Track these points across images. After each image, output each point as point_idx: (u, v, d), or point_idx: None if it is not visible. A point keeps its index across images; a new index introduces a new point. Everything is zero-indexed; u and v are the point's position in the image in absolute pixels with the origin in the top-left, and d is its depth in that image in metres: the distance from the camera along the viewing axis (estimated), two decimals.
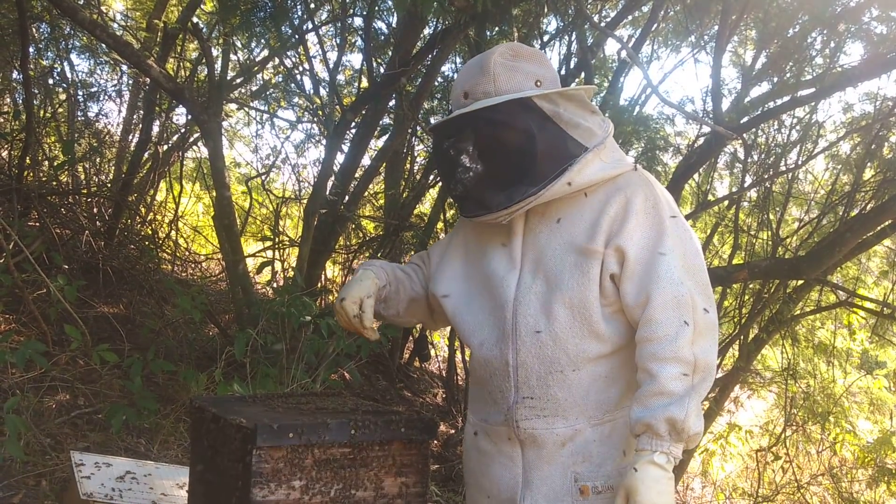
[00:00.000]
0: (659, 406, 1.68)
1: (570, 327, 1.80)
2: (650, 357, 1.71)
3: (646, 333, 1.73)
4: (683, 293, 1.73)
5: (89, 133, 6.63)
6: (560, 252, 1.84)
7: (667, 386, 1.68)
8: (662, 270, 1.74)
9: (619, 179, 1.85)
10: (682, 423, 1.67)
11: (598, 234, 1.80)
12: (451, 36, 4.79)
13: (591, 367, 1.81)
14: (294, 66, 6.59)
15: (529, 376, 1.84)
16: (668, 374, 1.68)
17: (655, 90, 4.31)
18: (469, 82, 1.86)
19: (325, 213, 5.16)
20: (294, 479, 1.70)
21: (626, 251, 1.77)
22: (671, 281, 1.73)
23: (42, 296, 4.54)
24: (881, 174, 5.37)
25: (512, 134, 1.78)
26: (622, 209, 1.80)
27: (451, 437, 5.53)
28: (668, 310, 1.72)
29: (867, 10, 4.65)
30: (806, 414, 6.25)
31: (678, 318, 1.71)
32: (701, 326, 1.73)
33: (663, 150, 5.69)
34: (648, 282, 1.75)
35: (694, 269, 1.78)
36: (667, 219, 1.80)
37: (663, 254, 1.76)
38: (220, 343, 4.69)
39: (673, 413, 1.66)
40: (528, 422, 1.84)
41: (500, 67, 1.84)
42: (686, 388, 1.69)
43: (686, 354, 1.70)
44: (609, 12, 6.15)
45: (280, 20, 4.68)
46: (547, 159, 1.79)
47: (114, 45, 4.70)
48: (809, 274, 4.47)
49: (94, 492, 2.83)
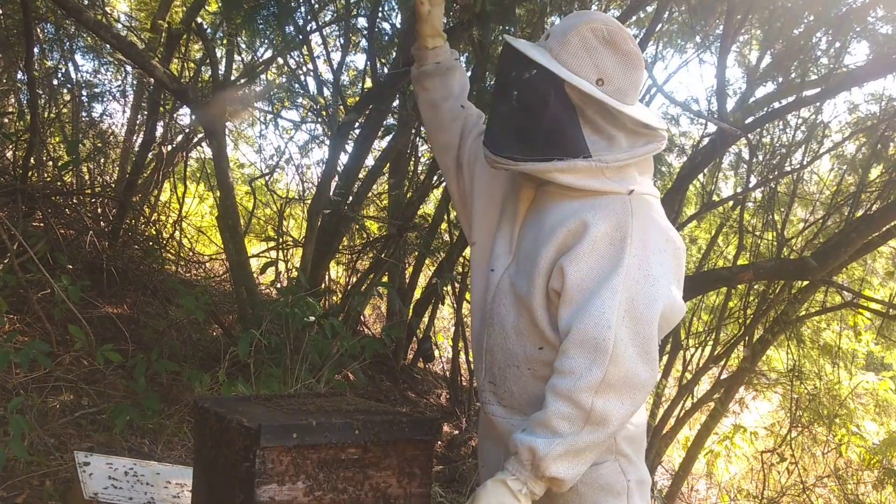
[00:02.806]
0: (532, 434, 1.64)
1: (528, 326, 1.78)
2: (550, 387, 1.65)
3: (557, 363, 1.66)
4: (607, 339, 1.60)
5: (93, 133, 6.63)
6: (528, 249, 1.81)
7: (549, 420, 1.62)
8: (595, 307, 1.62)
9: (604, 198, 1.73)
10: (541, 461, 1.61)
11: (549, 243, 1.73)
12: (454, 36, 4.77)
13: (544, 370, 1.76)
14: (298, 67, 6.60)
15: (493, 364, 1.86)
16: (555, 410, 1.62)
17: (661, 90, 4.31)
18: (557, 28, 1.79)
19: (329, 214, 5.15)
20: (298, 479, 1.70)
21: (567, 273, 1.67)
22: (599, 322, 1.61)
23: (46, 296, 4.54)
24: (887, 174, 5.35)
25: (529, 97, 1.73)
26: (581, 228, 1.70)
27: (455, 437, 5.53)
28: (582, 349, 1.62)
29: (873, 11, 4.63)
30: (811, 415, 6.23)
31: (589, 361, 1.61)
32: (614, 379, 1.61)
33: (668, 151, 5.68)
34: (578, 313, 1.64)
35: (637, 319, 1.64)
36: (630, 257, 1.66)
37: (607, 291, 1.63)
38: (223, 343, 4.68)
39: (537, 445, 1.61)
40: (490, 406, 1.88)
41: (580, 39, 1.73)
42: (568, 431, 1.61)
43: (582, 400, 1.60)
44: (614, 12, 6.14)
45: (284, 20, 4.67)
46: (543, 140, 1.72)
47: (118, 45, 4.70)
48: (814, 275, 4.45)
49: (97, 492, 2.83)
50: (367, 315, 7.03)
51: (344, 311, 5.29)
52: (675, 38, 6.31)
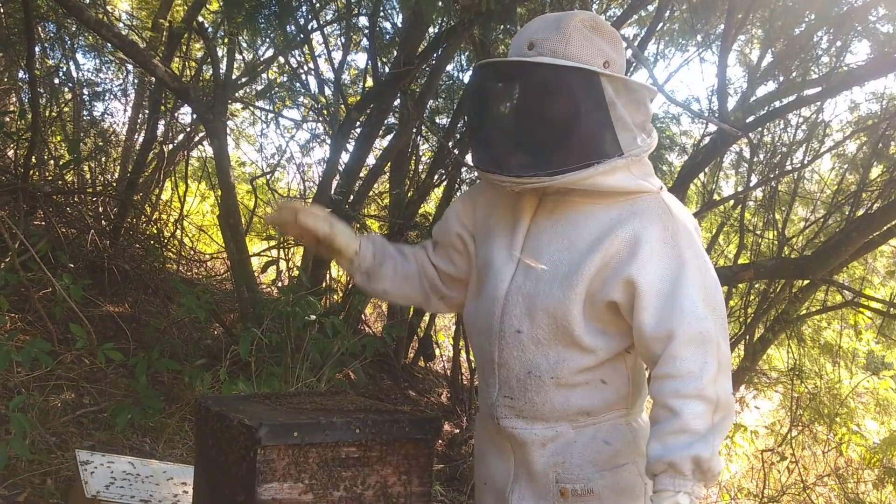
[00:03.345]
0: (682, 445, 1.60)
1: (552, 335, 1.74)
2: (672, 394, 1.63)
3: (668, 370, 1.65)
4: (708, 329, 1.65)
5: (95, 132, 6.63)
6: (556, 257, 1.76)
7: (690, 424, 1.61)
8: (686, 305, 1.66)
9: (639, 201, 1.75)
10: (708, 463, 1.60)
11: (596, 253, 1.71)
12: (455, 35, 4.78)
13: (572, 377, 1.75)
14: (299, 66, 6.60)
15: (510, 376, 1.80)
16: (691, 412, 1.61)
17: (661, 89, 4.30)
18: (539, 34, 1.74)
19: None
20: (298, 478, 1.70)
21: (638, 282, 1.68)
22: (696, 317, 1.65)
23: (48, 295, 4.55)
24: (888, 174, 5.35)
25: (562, 103, 1.68)
26: (633, 237, 1.71)
27: (456, 436, 5.53)
28: (692, 346, 1.64)
29: (874, 10, 4.63)
30: (812, 414, 6.23)
31: (702, 355, 1.64)
32: (723, 364, 1.66)
33: (669, 150, 5.68)
34: (670, 316, 1.66)
35: (715, 304, 1.70)
36: (686, 250, 1.71)
37: (687, 286, 1.67)
38: (225, 342, 4.69)
39: (699, 452, 1.59)
40: (508, 420, 1.82)
41: (577, 32, 1.72)
42: (708, 427, 1.62)
43: (710, 393, 1.63)
44: (615, 11, 6.14)
45: (285, 19, 4.68)
46: (581, 146, 1.69)
47: (119, 44, 4.70)
48: (815, 274, 4.45)
49: (99, 491, 2.83)
50: (367, 314, 7.04)
51: (345, 310, 5.29)
52: (676, 37, 6.31)
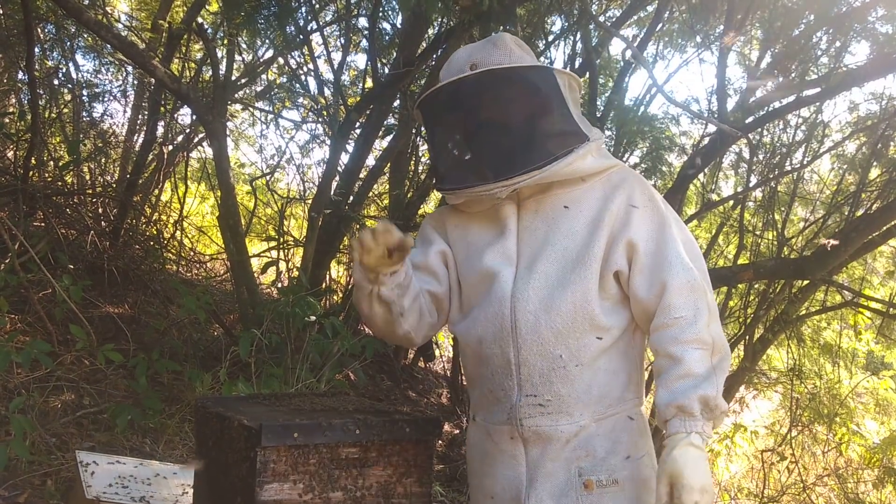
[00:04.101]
0: (688, 387, 1.68)
1: (571, 322, 1.78)
2: (671, 341, 1.72)
3: (664, 319, 1.74)
4: (695, 278, 1.76)
5: (94, 133, 6.64)
6: (561, 246, 1.82)
7: (693, 368, 1.69)
8: (673, 257, 1.77)
9: (614, 175, 1.87)
10: (715, 401, 1.68)
11: (600, 230, 1.81)
12: (455, 36, 4.78)
13: (592, 361, 1.80)
14: (298, 67, 6.60)
15: (532, 374, 1.81)
16: (692, 357, 1.70)
17: (661, 89, 4.31)
18: (479, 54, 1.86)
19: (330, 214, 5.16)
20: (298, 478, 1.70)
21: (637, 244, 1.79)
22: (683, 267, 1.76)
23: (47, 296, 4.55)
24: (887, 174, 5.35)
25: (533, 100, 1.79)
26: (624, 204, 1.82)
27: (456, 436, 5.53)
28: (683, 294, 1.74)
29: (873, 10, 4.63)
30: (812, 414, 6.23)
31: (693, 301, 1.74)
32: (712, 309, 1.76)
33: (668, 150, 5.68)
34: (660, 270, 1.76)
35: (695, 256, 1.81)
36: (664, 209, 1.84)
37: (671, 241, 1.79)
38: (224, 343, 4.69)
39: (705, 391, 1.68)
40: (531, 419, 1.82)
41: (513, 44, 1.87)
42: (710, 369, 1.71)
43: (705, 336, 1.72)
44: (614, 12, 6.14)
45: (284, 20, 4.68)
46: (554, 137, 1.79)
47: (119, 45, 4.71)
48: (815, 274, 4.45)
49: (99, 492, 2.84)
50: None
51: (345, 311, 5.30)
52: (675, 38, 6.32)
